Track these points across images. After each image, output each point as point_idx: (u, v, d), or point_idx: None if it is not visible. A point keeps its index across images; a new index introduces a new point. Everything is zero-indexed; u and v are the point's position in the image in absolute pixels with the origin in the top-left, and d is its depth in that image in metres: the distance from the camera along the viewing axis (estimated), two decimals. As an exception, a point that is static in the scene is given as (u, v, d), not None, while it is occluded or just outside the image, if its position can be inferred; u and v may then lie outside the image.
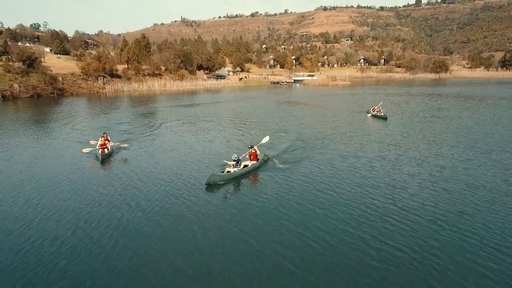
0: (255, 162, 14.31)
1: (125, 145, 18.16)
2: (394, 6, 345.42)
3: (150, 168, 14.13)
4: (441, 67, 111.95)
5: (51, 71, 52.10)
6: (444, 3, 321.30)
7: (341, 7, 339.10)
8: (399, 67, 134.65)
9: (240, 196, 11.43)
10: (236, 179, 12.97)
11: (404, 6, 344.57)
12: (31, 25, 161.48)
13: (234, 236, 8.62)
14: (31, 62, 50.77)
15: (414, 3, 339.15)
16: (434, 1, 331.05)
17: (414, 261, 7.39)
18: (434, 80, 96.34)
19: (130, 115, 31.30)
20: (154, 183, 12.41)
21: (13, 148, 17.95)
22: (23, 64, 49.87)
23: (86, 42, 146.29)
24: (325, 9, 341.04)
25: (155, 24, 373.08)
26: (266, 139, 16.52)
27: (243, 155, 14.35)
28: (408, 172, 13.58)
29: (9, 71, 48.20)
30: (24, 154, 16.78)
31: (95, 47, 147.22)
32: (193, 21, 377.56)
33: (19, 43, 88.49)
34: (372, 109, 29.30)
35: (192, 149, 17.54)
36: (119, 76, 62.22)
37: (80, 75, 56.81)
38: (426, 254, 7.64)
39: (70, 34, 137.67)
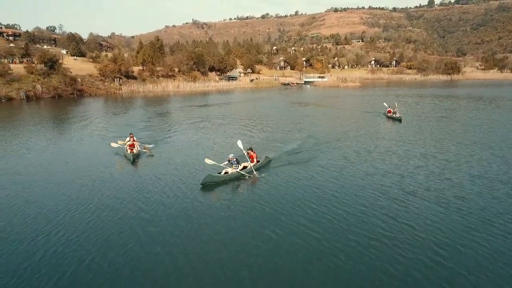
0: (254, 163, 14.25)
1: (150, 146, 18.23)
2: (405, 7, 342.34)
3: (173, 167, 14.64)
4: (453, 68, 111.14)
5: (71, 72, 54.34)
6: (457, 3, 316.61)
7: (352, 8, 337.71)
8: (410, 68, 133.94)
9: (236, 196, 11.66)
10: (233, 180, 13.03)
11: (416, 7, 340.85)
12: (47, 27, 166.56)
13: (230, 237, 8.71)
14: (52, 64, 53.08)
15: (426, 4, 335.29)
16: (447, 2, 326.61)
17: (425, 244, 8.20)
18: (446, 82, 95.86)
19: (148, 115, 32.84)
20: (176, 182, 12.81)
21: (44, 146, 19.49)
22: (45, 66, 52.23)
23: (100, 44, 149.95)
24: (335, 10, 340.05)
25: (166, 26, 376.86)
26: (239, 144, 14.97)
27: (244, 153, 14.28)
28: (418, 165, 14.43)
29: (32, 73, 50.54)
30: (54, 152, 18.09)
31: (109, 49, 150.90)
32: (204, 23, 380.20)
33: (37, 45, 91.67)
34: (388, 111, 29.28)
35: (212, 148, 18.46)
36: (134, 78, 64.26)
37: (97, 76, 58.98)
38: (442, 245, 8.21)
39: (84, 36, 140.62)
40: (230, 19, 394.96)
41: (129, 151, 16.53)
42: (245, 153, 14.26)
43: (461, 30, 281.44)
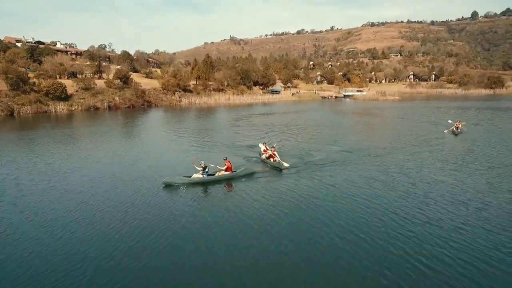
0: (228, 173, 15.03)
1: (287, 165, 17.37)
2: (445, 20, 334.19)
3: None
4: (496, 82, 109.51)
5: (141, 86, 63.02)
6: (504, 15, 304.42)
7: (390, 22, 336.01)
8: (451, 82, 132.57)
9: (197, 200, 12.73)
10: (197, 185, 14.17)
11: (458, 19, 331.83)
12: (99, 45, 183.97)
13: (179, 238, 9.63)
14: (126, 80, 62.21)
15: (469, 16, 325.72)
16: (492, 14, 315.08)
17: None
18: (488, 96, 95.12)
19: (219, 122, 39.40)
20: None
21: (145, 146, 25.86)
22: (120, 81, 61.34)
23: (148, 61, 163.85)
24: (372, 25, 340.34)
25: (205, 43, 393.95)
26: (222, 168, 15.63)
27: (220, 166, 15.49)
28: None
29: (110, 87, 59.65)
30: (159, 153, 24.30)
31: (155, 65, 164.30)
32: (240, 39, 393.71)
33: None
34: (456, 126, 28.37)
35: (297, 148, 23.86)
36: (190, 91, 72.25)
37: (160, 90, 67.41)
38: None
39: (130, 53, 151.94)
40: (266, 35, 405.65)
41: (271, 159, 17.52)
42: (223, 165, 15.45)
43: (508, 42, 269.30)
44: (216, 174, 14.93)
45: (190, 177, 14.46)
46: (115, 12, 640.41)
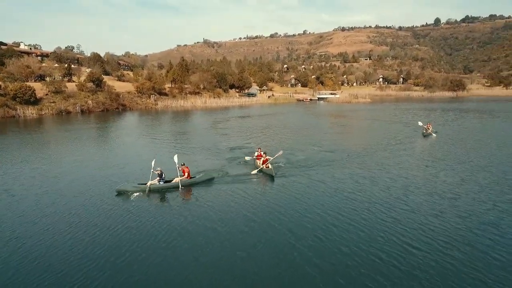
0: (186, 179, 14.48)
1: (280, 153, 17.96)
2: (411, 25, 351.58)
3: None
4: (458, 85, 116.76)
5: (115, 89, 61.44)
6: (463, 22, 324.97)
7: (359, 27, 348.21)
8: (417, 85, 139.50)
9: (152, 209, 12.04)
10: (153, 192, 13.54)
11: (422, 25, 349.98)
12: (66, 47, 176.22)
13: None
14: (99, 83, 60.43)
15: (432, 22, 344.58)
16: (453, 21, 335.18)
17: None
18: (452, 98, 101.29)
19: (199, 126, 39.22)
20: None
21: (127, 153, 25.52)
22: (93, 84, 59.48)
23: (119, 63, 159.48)
24: (343, 29, 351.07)
25: (178, 45, 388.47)
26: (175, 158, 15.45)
27: (177, 167, 14.73)
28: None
29: (82, 90, 57.66)
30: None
31: (127, 67, 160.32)
32: (214, 42, 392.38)
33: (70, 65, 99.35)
34: (426, 127, 29.41)
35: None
36: (166, 94, 71.23)
37: (135, 93, 65.98)
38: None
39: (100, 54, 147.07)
40: (240, 38, 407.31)
41: (264, 166, 16.83)
42: (179, 171, 14.69)
43: (468, 48, 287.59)
44: (174, 181, 14.31)
45: (145, 184, 13.72)
46: (81, 12, 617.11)
